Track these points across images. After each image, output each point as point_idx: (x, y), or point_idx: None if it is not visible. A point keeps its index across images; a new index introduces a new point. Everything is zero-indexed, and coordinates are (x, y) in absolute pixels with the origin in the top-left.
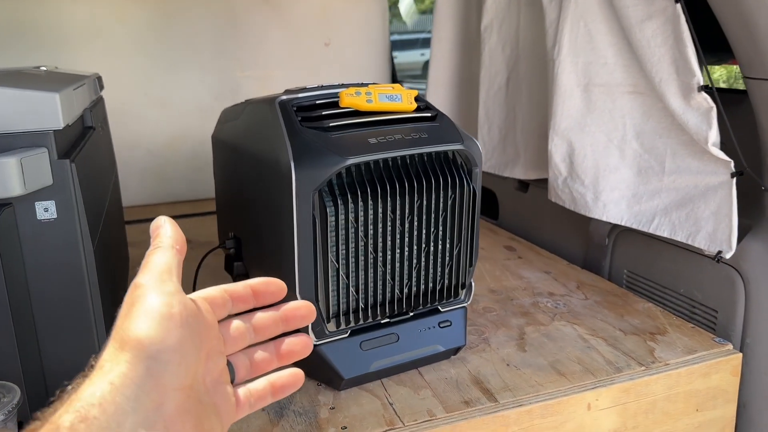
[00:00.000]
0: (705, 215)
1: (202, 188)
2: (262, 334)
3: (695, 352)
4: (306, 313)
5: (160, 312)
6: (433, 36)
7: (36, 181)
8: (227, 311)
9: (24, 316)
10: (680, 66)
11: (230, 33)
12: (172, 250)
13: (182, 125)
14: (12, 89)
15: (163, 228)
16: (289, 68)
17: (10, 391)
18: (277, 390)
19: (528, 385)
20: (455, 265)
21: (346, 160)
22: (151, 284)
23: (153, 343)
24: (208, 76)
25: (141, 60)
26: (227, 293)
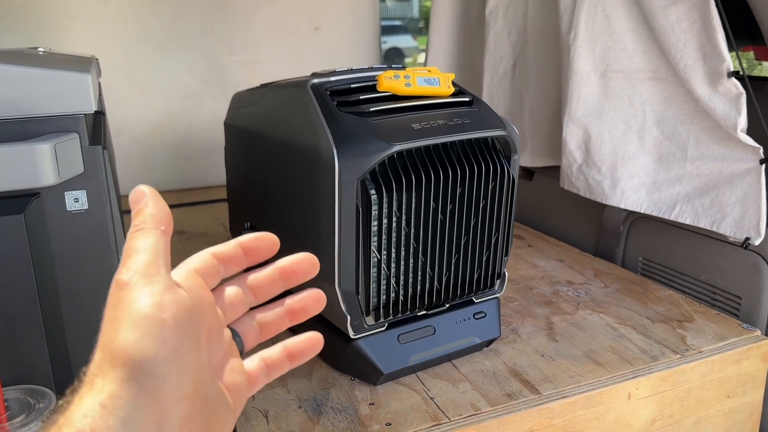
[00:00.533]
0: (731, 202)
1: (189, 177)
2: (261, 294)
3: (726, 339)
4: (309, 266)
5: (150, 318)
6: (431, 22)
7: (68, 169)
8: (219, 278)
9: (52, 314)
10: (708, 52)
11: (217, 16)
12: (157, 231)
13: (167, 111)
14: (41, 69)
15: (143, 202)
16: (278, 52)
17: (45, 397)
18: (294, 356)
19: (567, 376)
20: (492, 254)
21: (392, 146)
22: (137, 281)
23: (145, 358)
24: (194, 60)
25: (124, 43)
26: (216, 257)
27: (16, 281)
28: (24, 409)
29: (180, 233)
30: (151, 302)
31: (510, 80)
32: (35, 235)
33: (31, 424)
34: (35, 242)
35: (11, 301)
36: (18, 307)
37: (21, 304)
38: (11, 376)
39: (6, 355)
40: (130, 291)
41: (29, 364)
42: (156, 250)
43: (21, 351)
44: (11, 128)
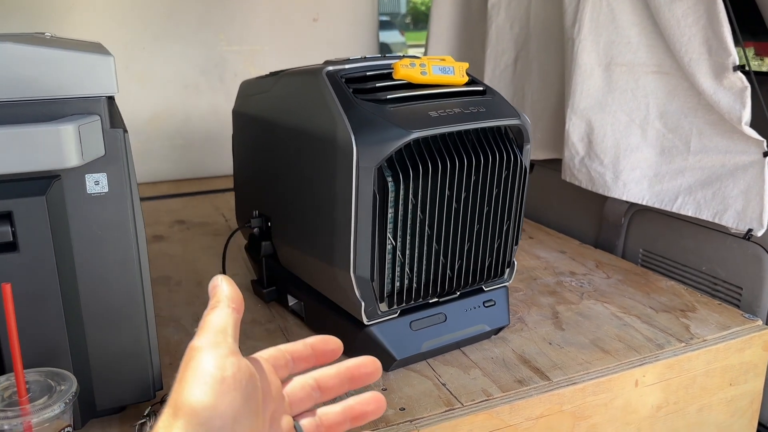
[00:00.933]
0: (733, 194)
1: (186, 167)
2: (327, 393)
3: (729, 328)
4: (372, 370)
5: (212, 375)
6: (431, 14)
7: (90, 151)
8: (288, 371)
9: (71, 296)
10: (713, 46)
11: (216, 6)
12: (229, 309)
13: (165, 101)
14: (65, 51)
15: (221, 288)
16: (277, 43)
17: (66, 380)
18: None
19: (576, 363)
20: (503, 243)
21: (410, 133)
22: (206, 346)
23: (205, 409)
24: (191, 49)
25: (121, 32)
26: (288, 353)
27: (37, 263)
28: (45, 392)
29: (180, 223)
30: (214, 362)
31: (512, 73)
32: (55, 217)
33: (54, 406)
34: (55, 224)
35: (32, 283)
36: (39, 289)
37: (41, 286)
38: (31, 359)
39: (27, 337)
40: (198, 353)
41: (49, 347)
42: (225, 324)
43: (41, 333)
44: (34, 109)
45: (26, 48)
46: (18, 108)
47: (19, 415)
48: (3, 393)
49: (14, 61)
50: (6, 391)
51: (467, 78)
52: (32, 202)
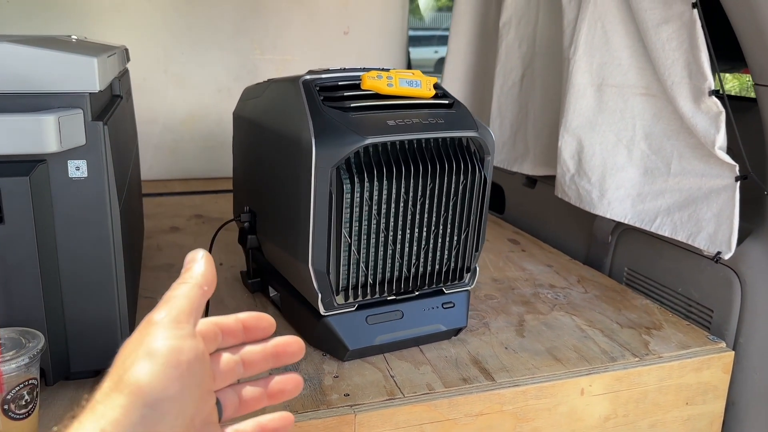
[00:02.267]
0: (707, 217)
1: (215, 167)
2: (251, 368)
3: (688, 348)
4: (296, 349)
5: (167, 358)
6: (451, 30)
7: (70, 139)
8: (217, 345)
9: (50, 268)
10: (693, 70)
11: (251, 16)
12: (199, 288)
13: (199, 104)
14: (54, 51)
15: (197, 264)
16: (308, 54)
17: (35, 338)
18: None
19: (524, 368)
20: (462, 249)
21: (365, 139)
22: (166, 323)
23: (153, 391)
24: (227, 57)
25: (163, 37)
26: (218, 327)
27: (18, 236)
28: (15, 346)
29: (198, 217)
30: (172, 344)
31: (518, 90)
32: (39, 197)
33: (19, 358)
34: (39, 203)
35: (13, 253)
36: (20, 258)
37: (22, 256)
38: (8, 319)
39: (4, 300)
40: (156, 329)
41: (25, 310)
42: (191, 303)
43: (18, 298)
44: (24, 101)
45: (20, 48)
46: (9, 100)
47: None
48: None
49: (9, 59)
50: None
51: (434, 92)
52: (17, 182)
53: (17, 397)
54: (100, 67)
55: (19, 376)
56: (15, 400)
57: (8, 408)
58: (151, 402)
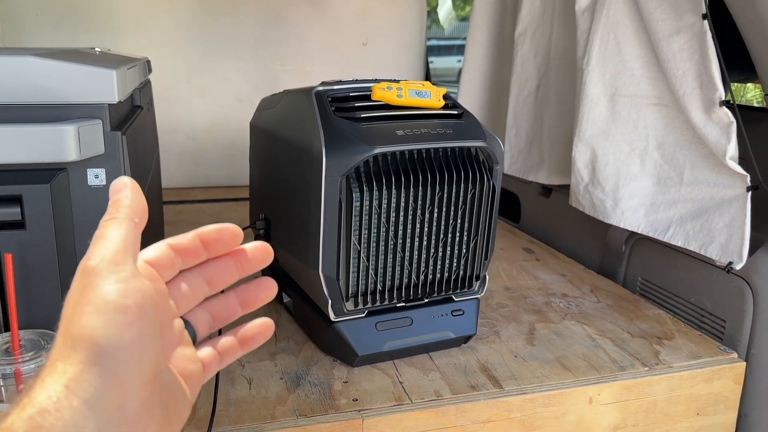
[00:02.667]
0: (719, 227)
1: (236, 175)
2: (216, 284)
3: (699, 358)
4: (263, 255)
5: (114, 305)
6: (467, 41)
7: (90, 149)
8: (176, 269)
9: (70, 272)
10: (704, 80)
11: (272, 28)
12: (130, 222)
13: (221, 113)
14: (74, 64)
15: (123, 194)
16: (327, 65)
17: (52, 339)
18: (246, 342)
19: (533, 376)
20: (471, 257)
21: (373, 149)
22: (104, 268)
23: (108, 342)
24: (248, 67)
25: (186, 49)
26: (173, 249)
27: (39, 241)
28: (35, 347)
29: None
30: (116, 289)
31: (533, 101)
32: (59, 204)
33: (38, 359)
34: (59, 209)
35: (34, 257)
36: (39, 263)
37: (43, 260)
38: (29, 321)
39: (25, 303)
40: (96, 277)
41: (45, 313)
42: (126, 239)
43: (38, 301)
44: (47, 112)
45: (43, 61)
46: (32, 110)
47: (12, 363)
48: (2, 346)
49: (32, 71)
50: (5, 345)
51: (443, 102)
52: (39, 189)
53: None
54: (119, 79)
55: None
56: None
57: None
58: (108, 353)
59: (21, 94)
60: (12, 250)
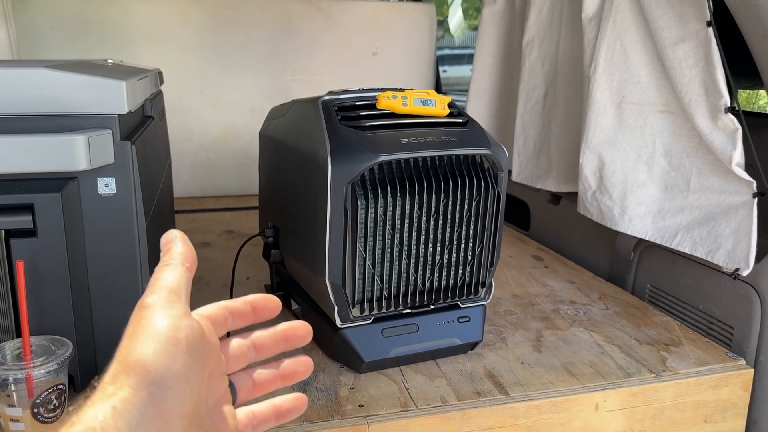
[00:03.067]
0: (725, 233)
1: (248, 184)
2: (262, 352)
3: (707, 365)
4: (304, 333)
5: (166, 336)
6: (476, 50)
7: (100, 158)
8: (227, 329)
9: (80, 279)
10: (709, 88)
11: (283, 39)
12: (182, 267)
13: (233, 123)
14: (85, 76)
15: (174, 243)
16: (337, 75)
17: (64, 345)
18: (281, 414)
19: (539, 383)
20: (476, 263)
21: (378, 156)
22: (159, 305)
23: (158, 369)
24: (260, 78)
25: (198, 60)
26: (227, 310)
27: (50, 249)
28: (45, 353)
29: (229, 232)
30: (169, 323)
31: (541, 109)
32: (70, 212)
33: (48, 364)
34: (70, 217)
35: (45, 265)
36: (51, 270)
37: (54, 268)
38: (40, 327)
39: (37, 310)
40: (151, 312)
41: (56, 319)
42: (179, 282)
43: (50, 307)
44: (58, 122)
45: (54, 73)
46: (44, 121)
47: (23, 368)
48: (14, 352)
49: (44, 82)
50: (16, 350)
51: (448, 110)
52: (50, 197)
53: (46, 402)
54: (129, 90)
55: (48, 382)
56: (44, 405)
57: (38, 411)
58: (156, 379)
59: (33, 105)
60: (24, 258)
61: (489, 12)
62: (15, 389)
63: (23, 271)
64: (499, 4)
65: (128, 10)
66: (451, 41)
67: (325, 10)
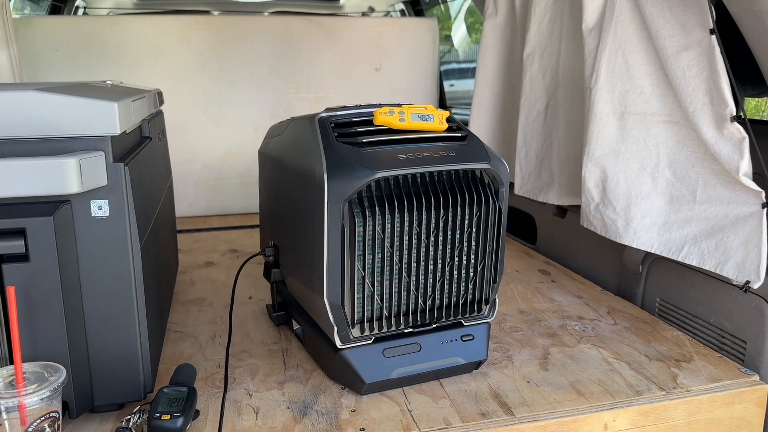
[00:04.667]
0: (734, 245)
1: (253, 202)
2: None
3: (719, 381)
4: None
5: None
6: (478, 63)
7: (92, 180)
8: None
9: (74, 303)
10: (714, 96)
11: (286, 56)
12: None
13: (237, 142)
14: (76, 97)
15: None
16: (341, 91)
17: (57, 371)
18: None
19: (546, 402)
20: (479, 280)
21: (375, 173)
22: None
23: None
24: (263, 96)
25: (201, 79)
26: None
27: (43, 273)
28: (38, 380)
29: (233, 251)
30: None
31: (543, 121)
32: (63, 236)
33: (41, 391)
34: (63, 241)
35: (38, 290)
36: (45, 295)
37: (46, 293)
38: (33, 353)
39: (30, 335)
40: None
41: (49, 345)
42: None
43: (43, 333)
44: (50, 145)
45: (44, 95)
46: (35, 144)
47: (15, 396)
48: (6, 379)
49: (34, 105)
50: (9, 378)
51: (447, 125)
52: (42, 222)
53: (39, 430)
54: (122, 111)
55: (41, 409)
56: None
57: None
58: None
59: (24, 128)
60: (16, 283)
61: (490, 25)
62: (7, 418)
63: (14, 297)
64: (500, 16)
65: (131, 31)
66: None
67: (327, 26)
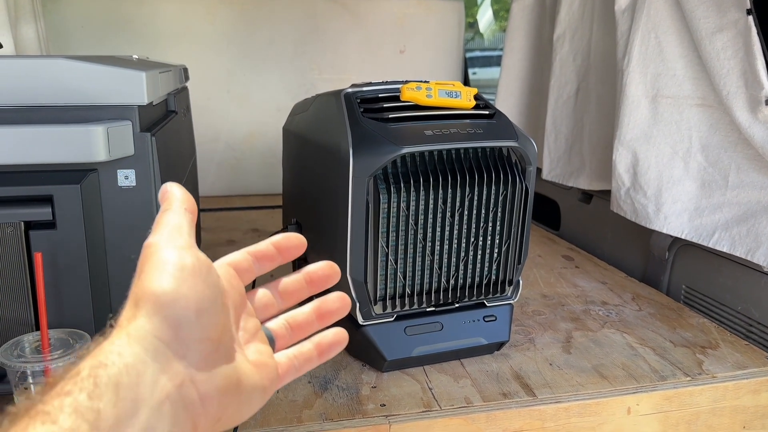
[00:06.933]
0: (766, 231)
1: (275, 183)
2: (289, 299)
3: (746, 368)
4: (330, 272)
5: (171, 262)
6: (505, 46)
7: (119, 149)
8: (253, 274)
9: (99, 271)
10: (749, 79)
11: (310, 37)
12: (181, 209)
13: (260, 122)
14: (104, 66)
15: (171, 192)
16: (364, 72)
17: (82, 338)
18: (323, 350)
19: (568, 385)
20: (503, 261)
21: (400, 149)
22: (162, 241)
23: (166, 293)
24: (286, 76)
25: (226, 59)
26: (251, 254)
27: (69, 241)
28: (63, 346)
29: (254, 231)
30: (174, 252)
31: (573, 104)
32: (90, 204)
33: (66, 357)
34: (89, 210)
35: (64, 257)
36: (69, 263)
37: (72, 260)
38: (59, 320)
39: (56, 303)
40: (155, 249)
41: (75, 312)
42: (180, 223)
43: (69, 300)
44: (77, 113)
45: (74, 63)
46: (63, 112)
47: (41, 361)
48: (32, 345)
49: (64, 73)
50: (35, 343)
51: (474, 102)
52: (69, 189)
53: None
54: (149, 81)
55: None
56: None
57: None
58: (168, 303)
59: (53, 96)
60: (43, 250)
61: (518, 7)
62: (33, 382)
63: (41, 263)
64: None
65: (157, 9)
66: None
67: (352, 7)
